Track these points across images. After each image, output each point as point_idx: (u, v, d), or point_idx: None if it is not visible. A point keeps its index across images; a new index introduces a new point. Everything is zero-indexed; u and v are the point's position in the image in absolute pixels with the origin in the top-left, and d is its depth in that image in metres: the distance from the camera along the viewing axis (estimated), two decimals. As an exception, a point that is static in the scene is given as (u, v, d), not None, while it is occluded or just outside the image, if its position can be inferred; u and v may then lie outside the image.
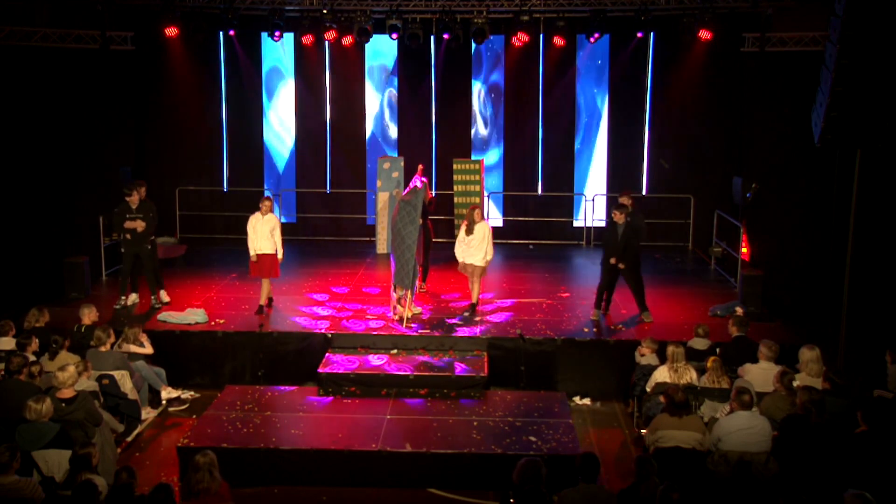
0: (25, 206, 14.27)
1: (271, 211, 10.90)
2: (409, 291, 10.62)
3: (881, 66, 9.01)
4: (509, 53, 15.59)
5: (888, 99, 9.17)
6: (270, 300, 11.41)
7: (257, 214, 10.84)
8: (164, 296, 11.60)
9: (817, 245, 14.05)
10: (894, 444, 6.62)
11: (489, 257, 10.87)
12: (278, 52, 16.05)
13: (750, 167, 14.68)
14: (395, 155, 15.39)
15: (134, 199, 11.11)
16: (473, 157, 15.56)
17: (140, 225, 11.09)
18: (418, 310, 11.08)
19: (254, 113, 16.18)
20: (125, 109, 15.64)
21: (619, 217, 10.49)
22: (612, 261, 10.53)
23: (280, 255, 10.94)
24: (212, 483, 6.09)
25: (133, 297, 11.61)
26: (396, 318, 10.81)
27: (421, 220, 10.76)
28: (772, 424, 7.10)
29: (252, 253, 10.86)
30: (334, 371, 9.58)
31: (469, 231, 10.77)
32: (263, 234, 10.79)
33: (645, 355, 9.31)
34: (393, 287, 10.91)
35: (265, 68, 16.12)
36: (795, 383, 7.70)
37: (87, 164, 14.89)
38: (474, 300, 11.19)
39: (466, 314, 11.06)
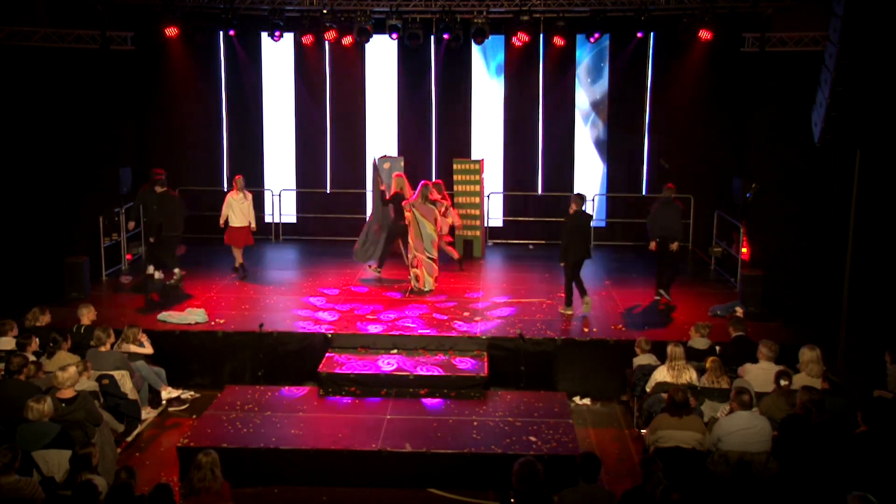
0: (25, 206, 14.25)
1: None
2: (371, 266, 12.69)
3: (881, 66, 9.01)
4: (509, 53, 15.59)
5: (888, 99, 9.17)
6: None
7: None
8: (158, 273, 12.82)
9: (817, 245, 14.03)
10: (894, 445, 6.62)
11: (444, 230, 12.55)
12: (278, 52, 16.03)
13: (750, 167, 14.66)
14: (395, 155, 15.37)
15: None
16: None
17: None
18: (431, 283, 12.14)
19: (254, 113, 16.17)
20: (125, 109, 15.61)
21: (572, 208, 10.91)
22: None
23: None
24: (213, 482, 6.11)
25: (158, 274, 12.80)
26: (412, 287, 12.08)
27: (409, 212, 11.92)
28: (772, 424, 7.10)
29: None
30: (334, 371, 9.59)
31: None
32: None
33: (638, 355, 9.30)
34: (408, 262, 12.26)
35: (265, 68, 16.11)
36: (784, 382, 7.64)
37: (88, 164, 14.86)
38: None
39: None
